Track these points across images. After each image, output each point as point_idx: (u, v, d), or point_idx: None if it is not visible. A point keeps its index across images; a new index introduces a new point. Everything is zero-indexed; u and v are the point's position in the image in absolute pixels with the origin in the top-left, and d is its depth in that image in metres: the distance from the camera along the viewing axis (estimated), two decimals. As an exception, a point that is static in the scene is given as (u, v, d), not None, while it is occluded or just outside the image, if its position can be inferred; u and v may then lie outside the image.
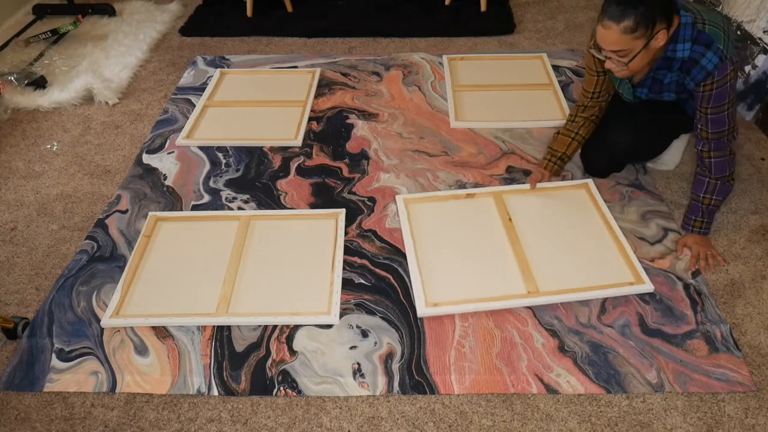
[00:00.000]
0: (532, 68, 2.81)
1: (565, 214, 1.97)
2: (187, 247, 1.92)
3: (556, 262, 1.80)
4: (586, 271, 1.77)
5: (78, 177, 2.27)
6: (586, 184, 2.05)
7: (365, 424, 1.45)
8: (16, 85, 2.69)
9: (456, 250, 1.86)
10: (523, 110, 2.51)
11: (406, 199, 2.04)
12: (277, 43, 3.18)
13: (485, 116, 2.48)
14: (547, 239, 1.88)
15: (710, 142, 1.75)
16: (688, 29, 1.63)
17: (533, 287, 1.72)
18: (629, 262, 1.77)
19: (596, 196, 2.00)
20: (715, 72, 1.64)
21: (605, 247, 1.84)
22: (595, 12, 3.38)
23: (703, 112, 1.73)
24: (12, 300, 1.79)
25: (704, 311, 1.67)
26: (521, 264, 1.79)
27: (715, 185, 1.80)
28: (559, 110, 2.49)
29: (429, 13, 3.38)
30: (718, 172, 1.78)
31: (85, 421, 1.47)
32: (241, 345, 1.62)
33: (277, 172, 2.23)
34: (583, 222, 1.93)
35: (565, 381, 1.51)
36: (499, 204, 2.00)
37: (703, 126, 1.75)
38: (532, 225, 1.93)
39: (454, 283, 1.76)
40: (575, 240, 1.87)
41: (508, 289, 1.72)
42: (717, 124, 1.72)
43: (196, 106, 2.59)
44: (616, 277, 1.74)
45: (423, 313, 1.67)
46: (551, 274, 1.76)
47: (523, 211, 1.98)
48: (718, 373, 1.52)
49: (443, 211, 2.01)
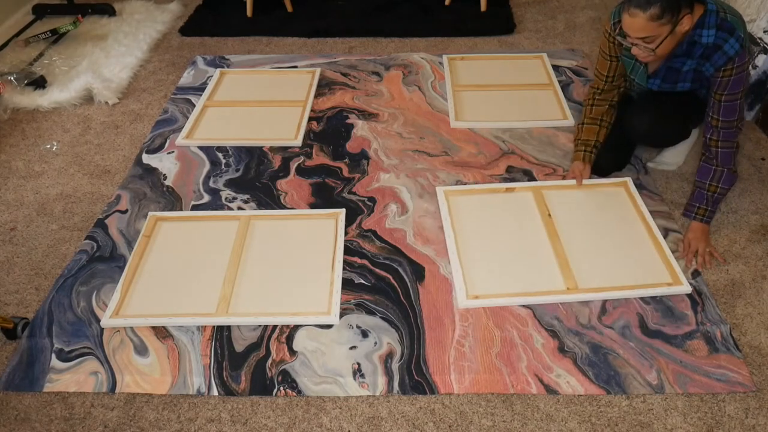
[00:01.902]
0: (532, 68, 2.81)
1: (605, 211, 1.96)
2: (187, 247, 1.92)
3: (594, 259, 1.80)
4: (625, 270, 1.77)
5: (78, 177, 2.27)
6: (624, 182, 2.05)
7: (365, 424, 1.45)
8: (16, 85, 2.69)
9: (495, 244, 1.87)
10: (523, 110, 2.51)
11: (447, 191, 2.04)
12: (277, 43, 3.18)
13: (485, 116, 2.48)
14: (586, 236, 1.88)
15: (720, 130, 1.77)
16: (712, 16, 1.66)
17: (572, 284, 1.72)
18: (667, 262, 1.77)
19: (635, 194, 2.00)
20: (736, 58, 1.67)
21: (644, 247, 1.84)
22: (596, 12, 3.38)
23: (717, 99, 1.75)
24: (12, 300, 1.79)
25: (704, 311, 1.67)
26: (560, 260, 1.79)
27: (722, 173, 1.81)
28: (559, 110, 2.49)
29: (429, 13, 3.37)
30: (724, 161, 1.80)
31: (84, 421, 1.47)
32: (241, 345, 1.62)
33: (277, 172, 2.23)
34: (622, 220, 1.93)
35: (565, 382, 1.51)
36: (539, 199, 2.00)
37: (714, 114, 1.77)
38: (572, 221, 1.93)
39: (493, 276, 1.77)
40: (614, 238, 1.87)
41: (548, 285, 1.73)
42: (729, 112, 1.74)
43: (196, 106, 2.59)
44: (655, 277, 1.74)
45: (464, 305, 1.67)
46: (590, 272, 1.77)
47: (562, 206, 1.98)
48: (719, 373, 1.52)
49: (483, 204, 2.01)
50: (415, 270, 1.82)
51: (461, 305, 1.68)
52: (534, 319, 1.66)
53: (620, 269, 1.78)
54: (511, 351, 1.58)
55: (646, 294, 1.70)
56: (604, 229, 1.91)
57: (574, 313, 1.67)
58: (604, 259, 1.81)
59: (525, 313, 1.68)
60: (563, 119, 2.42)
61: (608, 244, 1.85)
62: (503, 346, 1.59)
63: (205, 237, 1.95)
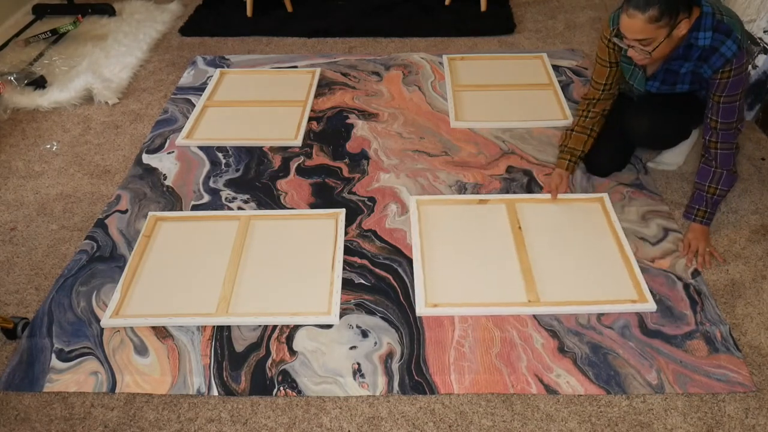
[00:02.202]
0: (532, 68, 2.81)
1: (576, 226, 1.94)
2: (187, 247, 1.92)
3: (560, 273, 1.79)
4: (590, 285, 1.75)
5: (78, 177, 2.27)
6: (601, 198, 2.03)
7: (365, 424, 1.45)
8: (16, 85, 2.69)
9: (462, 254, 1.86)
10: (523, 110, 2.51)
11: (419, 201, 2.04)
12: (277, 43, 3.18)
13: (485, 116, 2.48)
14: (554, 250, 1.87)
15: (719, 132, 1.77)
16: (708, 18, 1.66)
17: (534, 296, 1.71)
18: (635, 279, 1.75)
19: (610, 210, 1.97)
20: (733, 60, 1.67)
21: (612, 263, 1.82)
22: (596, 12, 3.38)
23: (716, 101, 1.74)
24: (12, 300, 1.79)
25: (704, 311, 1.67)
26: (525, 272, 1.78)
27: (721, 175, 1.81)
28: (559, 110, 2.49)
29: (429, 13, 3.38)
30: (723, 163, 1.80)
31: (84, 421, 1.47)
32: (241, 345, 1.62)
33: (277, 172, 2.23)
34: (593, 235, 1.91)
35: (565, 381, 1.51)
36: (511, 211, 1.99)
37: (713, 115, 1.76)
38: (541, 235, 1.92)
39: (456, 285, 1.76)
40: (583, 253, 1.86)
41: (510, 296, 1.72)
42: (728, 114, 1.74)
43: (196, 106, 2.59)
44: (619, 293, 1.72)
45: (422, 313, 1.67)
46: (554, 285, 1.75)
47: (534, 220, 1.97)
48: (718, 373, 1.52)
49: (454, 214, 2.00)
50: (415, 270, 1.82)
51: (419, 313, 1.67)
52: (534, 320, 1.66)
53: (585, 284, 1.75)
54: (511, 351, 1.58)
55: (608, 310, 1.67)
56: (574, 244, 1.88)
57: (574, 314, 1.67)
58: (571, 274, 1.79)
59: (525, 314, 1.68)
60: (563, 119, 2.42)
61: (576, 259, 1.83)
62: (503, 347, 1.59)
63: (205, 237, 1.95)
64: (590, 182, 2.12)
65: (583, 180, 2.14)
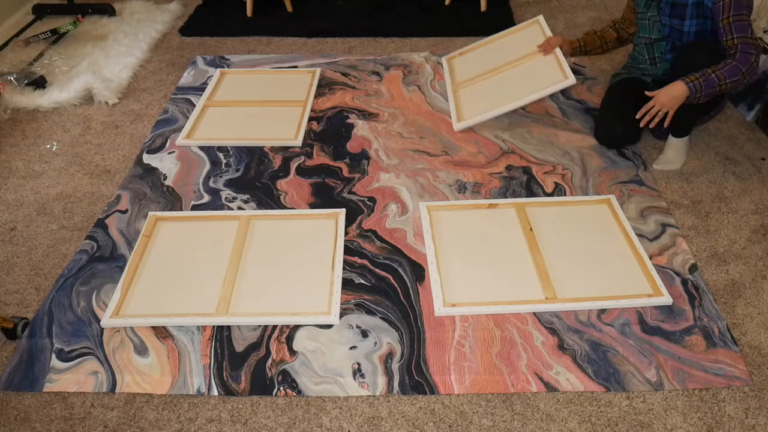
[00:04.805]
0: (530, 37, 2.64)
1: (587, 225, 1.95)
2: (187, 247, 1.92)
3: (574, 270, 1.80)
4: (605, 281, 1.76)
5: (78, 177, 2.27)
6: (608, 199, 2.04)
7: (365, 424, 1.45)
8: (16, 85, 2.69)
9: (476, 256, 1.86)
10: (525, 85, 2.39)
11: (429, 207, 2.03)
12: (277, 43, 3.18)
13: (488, 106, 2.40)
14: (567, 249, 1.87)
15: (737, 45, 1.90)
16: None
17: (551, 293, 1.72)
18: (648, 274, 1.76)
19: (618, 211, 1.98)
20: None
21: (625, 259, 1.83)
22: (596, 12, 3.38)
23: (725, 23, 1.92)
24: (12, 300, 1.79)
25: (702, 306, 1.68)
26: (540, 271, 1.79)
27: (728, 64, 1.91)
28: (559, 71, 2.34)
29: (429, 13, 3.38)
30: (741, 60, 1.90)
31: (84, 421, 1.47)
32: (241, 345, 1.62)
33: (277, 172, 2.23)
34: (603, 234, 1.92)
35: (565, 379, 1.51)
36: (521, 214, 1.99)
37: (728, 35, 1.92)
38: (553, 235, 1.92)
39: (472, 286, 1.76)
40: (595, 251, 1.86)
41: (527, 294, 1.72)
42: (741, 29, 1.90)
43: (196, 106, 2.59)
44: (635, 289, 1.73)
45: (440, 313, 1.67)
46: (570, 282, 1.76)
47: (544, 222, 1.97)
48: (716, 368, 1.52)
49: (465, 219, 2.00)
50: (415, 270, 1.82)
51: (438, 313, 1.68)
52: (534, 317, 1.66)
53: (601, 280, 1.77)
54: (511, 350, 1.58)
55: (626, 305, 1.68)
56: (586, 243, 1.89)
57: (573, 311, 1.67)
58: (585, 271, 1.80)
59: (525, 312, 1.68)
60: (565, 79, 2.28)
61: (589, 256, 1.85)
62: (503, 345, 1.60)
63: (205, 237, 1.95)
64: (589, 182, 2.13)
65: (582, 180, 2.14)
